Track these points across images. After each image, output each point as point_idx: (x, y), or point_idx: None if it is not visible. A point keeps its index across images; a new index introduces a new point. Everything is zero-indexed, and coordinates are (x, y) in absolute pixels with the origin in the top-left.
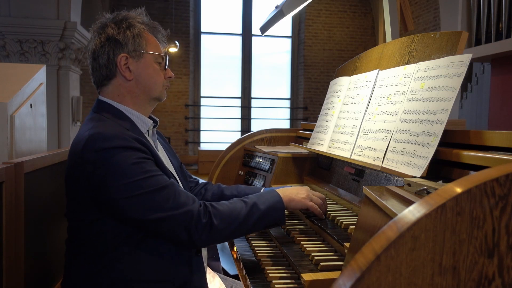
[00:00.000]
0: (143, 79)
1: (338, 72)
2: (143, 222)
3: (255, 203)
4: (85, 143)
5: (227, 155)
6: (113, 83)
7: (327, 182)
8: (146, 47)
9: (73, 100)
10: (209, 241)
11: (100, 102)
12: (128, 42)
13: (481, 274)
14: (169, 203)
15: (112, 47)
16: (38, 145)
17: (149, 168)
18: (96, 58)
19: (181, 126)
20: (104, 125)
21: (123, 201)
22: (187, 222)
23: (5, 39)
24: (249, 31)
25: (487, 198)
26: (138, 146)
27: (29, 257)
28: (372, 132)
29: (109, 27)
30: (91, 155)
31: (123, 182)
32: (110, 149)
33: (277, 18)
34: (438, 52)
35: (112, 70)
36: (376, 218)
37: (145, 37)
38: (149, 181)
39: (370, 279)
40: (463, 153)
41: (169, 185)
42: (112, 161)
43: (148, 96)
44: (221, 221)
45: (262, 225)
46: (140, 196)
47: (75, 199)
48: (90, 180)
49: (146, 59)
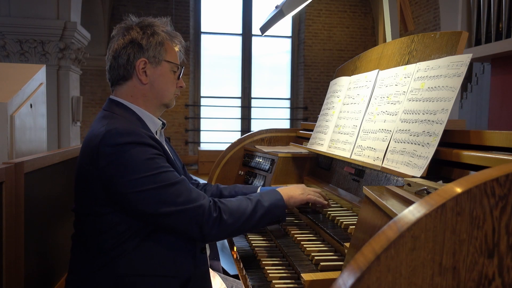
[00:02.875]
0: (157, 85)
1: (338, 72)
2: (155, 216)
3: (259, 200)
4: (102, 138)
5: (227, 155)
6: (128, 84)
7: (327, 182)
8: (165, 55)
9: (73, 100)
10: (219, 235)
11: (112, 101)
12: (149, 48)
13: (481, 274)
14: (181, 197)
15: (134, 50)
16: (38, 145)
17: (162, 164)
18: (116, 58)
19: (181, 126)
20: (119, 121)
21: (137, 194)
22: (199, 216)
23: (5, 39)
24: (249, 31)
25: (487, 198)
26: (152, 142)
27: (29, 256)
28: (372, 132)
29: (134, 30)
30: (107, 149)
31: (137, 176)
32: (126, 144)
33: (277, 18)
34: (438, 52)
35: (129, 71)
36: (376, 218)
37: (166, 46)
38: (162, 176)
39: (370, 279)
40: (463, 153)
41: (181, 181)
42: (127, 156)
43: (159, 101)
44: (230, 216)
45: (265, 221)
46: (154, 190)
47: (85, 193)
48: (104, 174)
49: (163, 67)
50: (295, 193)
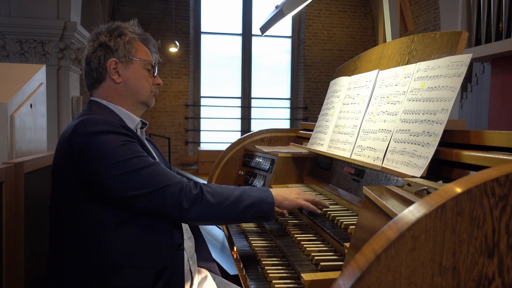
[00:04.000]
0: (130, 83)
1: (338, 72)
2: (132, 198)
3: (247, 191)
4: (74, 128)
5: (227, 155)
6: (103, 86)
7: (327, 182)
8: (135, 53)
9: (73, 100)
10: (199, 215)
11: (91, 101)
12: (118, 48)
13: (481, 274)
14: (157, 178)
15: (103, 52)
16: (38, 145)
17: (135, 149)
18: (89, 63)
19: (181, 126)
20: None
21: (112, 179)
22: (177, 193)
23: (5, 39)
24: (249, 31)
25: (487, 198)
26: (124, 131)
27: (29, 257)
28: (372, 132)
29: (102, 35)
30: (79, 138)
31: (110, 163)
32: (98, 133)
33: (277, 18)
34: (438, 52)
35: (102, 73)
36: (376, 218)
37: (135, 44)
38: (135, 160)
39: (370, 279)
40: (463, 153)
41: (155, 163)
42: (99, 143)
43: (136, 99)
44: (212, 196)
45: (251, 213)
46: (128, 174)
47: (61, 186)
48: (77, 163)
49: (135, 65)
50: (290, 195)
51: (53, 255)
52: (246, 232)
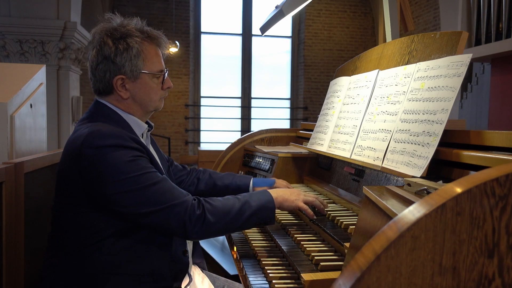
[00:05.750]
0: (139, 98)
1: (338, 72)
2: (139, 215)
3: (247, 201)
4: (84, 139)
5: (227, 155)
6: (111, 97)
7: (327, 182)
8: (143, 66)
9: (73, 100)
10: (202, 234)
11: (97, 103)
12: (125, 63)
13: (481, 274)
14: (164, 196)
15: (109, 68)
16: (38, 145)
17: (144, 165)
18: (94, 72)
19: (181, 126)
20: (102, 124)
21: (119, 195)
22: (182, 213)
23: (5, 39)
24: (249, 31)
25: (487, 198)
26: (134, 145)
27: (29, 257)
28: (372, 132)
29: (106, 46)
30: (89, 151)
31: (119, 178)
32: (107, 147)
33: (277, 18)
34: (438, 52)
35: (108, 88)
36: (376, 218)
37: (143, 55)
38: (144, 177)
39: (370, 279)
40: (463, 153)
41: (163, 180)
42: (109, 158)
43: (144, 110)
44: (214, 215)
45: (252, 222)
46: (136, 191)
47: (66, 193)
48: (85, 175)
49: (143, 79)
50: (290, 197)
51: (50, 257)
52: (246, 232)
